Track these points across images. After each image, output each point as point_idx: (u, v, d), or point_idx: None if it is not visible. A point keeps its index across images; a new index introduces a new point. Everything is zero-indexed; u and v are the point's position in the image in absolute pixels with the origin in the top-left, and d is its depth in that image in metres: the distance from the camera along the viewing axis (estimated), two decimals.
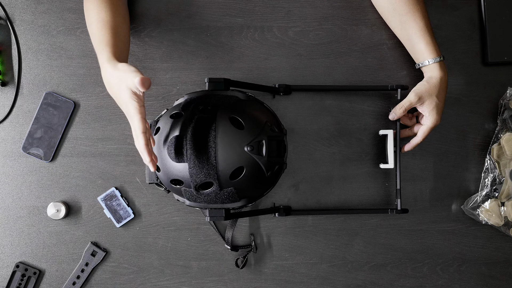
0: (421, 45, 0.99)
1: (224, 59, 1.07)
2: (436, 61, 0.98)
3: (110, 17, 0.90)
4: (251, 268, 1.07)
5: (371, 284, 1.08)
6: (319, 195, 1.08)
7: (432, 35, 0.99)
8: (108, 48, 0.86)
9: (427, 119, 0.99)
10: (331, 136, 1.08)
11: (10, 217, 1.06)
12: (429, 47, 0.98)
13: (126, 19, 0.96)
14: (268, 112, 0.96)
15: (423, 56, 0.99)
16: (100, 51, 0.87)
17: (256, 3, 1.08)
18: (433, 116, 0.98)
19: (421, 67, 1.01)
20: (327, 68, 1.08)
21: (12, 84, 1.06)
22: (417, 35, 0.99)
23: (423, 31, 0.98)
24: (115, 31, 0.89)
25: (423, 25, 0.98)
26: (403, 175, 1.08)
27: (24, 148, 1.05)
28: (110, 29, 0.89)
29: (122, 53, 0.89)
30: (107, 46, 0.86)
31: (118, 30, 0.90)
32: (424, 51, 0.99)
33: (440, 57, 0.99)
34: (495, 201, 1.04)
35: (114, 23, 0.90)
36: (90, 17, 0.92)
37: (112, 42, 0.87)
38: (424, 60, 0.99)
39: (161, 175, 0.92)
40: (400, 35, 1.03)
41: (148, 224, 1.07)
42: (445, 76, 0.99)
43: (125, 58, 0.90)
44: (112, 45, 0.87)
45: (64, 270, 1.06)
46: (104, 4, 0.91)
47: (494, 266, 1.08)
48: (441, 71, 0.98)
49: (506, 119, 1.06)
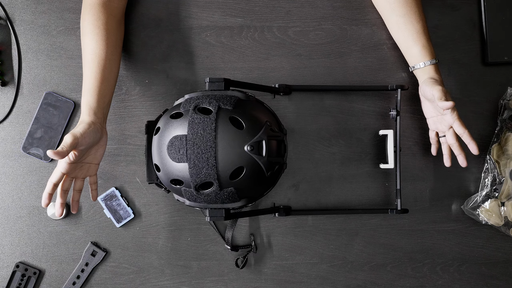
0: (416, 48, 0.98)
1: (224, 59, 1.07)
2: (432, 63, 0.98)
3: (102, 50, 0.94)
4: (251, 268, 1.07)
5: (371, 284, 1.08)
6: (319, 195, 1.08)
7: (428, 38, 0.99)
8: (88, 97, 0.92)
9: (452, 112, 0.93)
10: (331, 136, 1.08)
11: (10, 217, 1.06)
12: (425, 50, 0.98)
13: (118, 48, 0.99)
14: (268, 112, 0.96)
15: (418, 58, 0.99)
16: (82, 96, 0.92)
17: (256, 3, 1.08)
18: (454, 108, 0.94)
19: (415, 70, 1.00)
20: (327, 68, 1.08)
21: (12, 84, 1.06)
22: (413, 38, 0.98)
23: (420, 33, 0.98)
24: (104, 68, 0.94)
25: (419, 27, 0.98)
26: (403, 175, 1.08)
27: (24, 148, 1.05)
28: (100, 66, 0.93)
29: (104, 97, 0.93)
30: (88, 95, 0.92)
31: (107, 66, 0.94)
32: (420, 54, 0.98)
33: (435, 60, 0.98)
34: (495, 201, 1.04)
35: (105, 57, 0.94)
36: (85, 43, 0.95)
37: (94, 88, 0.92)
38: (419, 62, 0.99)
39: (161, 175, 0.92)
40: (396, 37, 1.02)
41: (148, 224, 1.07)
42: (440, 78, 0.98)
43: (107, 100, 0.95)
44: (93, 92, 0.92)
45: (64, 270, 1.06)
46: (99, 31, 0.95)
47: (494, 266, 1.08)
48: (437, 74, 0.98)
49: (506, 119, 1.06)
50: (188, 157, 0.87)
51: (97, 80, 0.92)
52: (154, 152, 0.92)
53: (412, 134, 1.08)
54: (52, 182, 0.86)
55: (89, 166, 0.92)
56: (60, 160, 0.86)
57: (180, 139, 0.87)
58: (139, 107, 1.07)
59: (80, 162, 0.90)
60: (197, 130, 0.87)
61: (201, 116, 0.88)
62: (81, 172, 0.91)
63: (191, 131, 0.87)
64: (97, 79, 0.92)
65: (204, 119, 0.87)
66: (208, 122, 0.87)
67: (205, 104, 0.89)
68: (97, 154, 0.92)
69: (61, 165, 0.86)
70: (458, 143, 0.97)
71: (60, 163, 0.86)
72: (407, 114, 1.08)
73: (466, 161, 0.98)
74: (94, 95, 0.91)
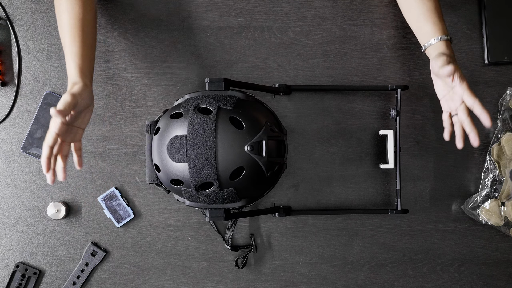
0: (427, 26, 0.94)
1: (224, 59, 1.07)
2: (443, 39, 0.93)
3: (83, 14, 0.93)
4: (251, 268, 1.07)
5: (371, 284, 1.08)
6: (319, 195, 1.08)
7: (439, 16, 0.95)
8: (77, 60, 0.91)
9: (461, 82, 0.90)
10: (331, 136, 1.08)
11: (10, 217, 1.06)
12: (435, 26, 0.93)
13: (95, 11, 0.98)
14: (268, 112, 0.96)
15: (429, 35, 0.94)
16: (69, 61, 0.92)
17: (256, 3, 1.08)
18: (465, 79, 0.90)
19: (427, 49, 0.95)
20: (327, 68, 1.08)
21: (12, 84, 1.06)
22: (424, 16, 0.95)
23: (431, 11, 0.94)
24: (88, 31, 0.93)
25: (430, 5, 0.94)
26: (403, 175, 1.08)
27: (24, 148, 1.05)
28: (84, 30, 0.93)
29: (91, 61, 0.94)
30: (76, 58, 0.91)
31: (90, 30, 0.94)
32: (430, 31, 0.94)
33: (447, 36, 0.93)
34: (495, 201, 1.04)
35: (87, 21, 0.94)
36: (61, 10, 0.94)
37: (80, 52, 0.92)
38: (429, 39, 0.94)
39: (161, 175, 0.92)
40: (408, 18, 0.99)
41: (148, 224, 1.07)
42: (452, 54, 0.93)
43: (93, 64, 0.94)
44: (81, 55, 0.91)
45: (64, 270, 1.06)
46: None
47: (494, 266, 1.08)
48: (449, 49, 0.93)
49: (506, 119, 1.06)
50: (188, 157, 0.87)
51: (84, 44, 0.92)
52: (154, 152, 0.92)
53: (412, 134, 1.08)
54: (48, 145, 0.84)
55: (77, 130, 0.91)
56: (54, 121, 0.85)
57: (180, 139, 0.87)
58: (139, 107, 1.07)
59: (70, 126, 0.89)
60: (197, 130, 0.87)
61: (201, 116, 0.88)
62: (69, 137, 0.89)
63: (191, 131, 0.87)
64: (84, 43, 0.92)
65: (204, 119, 0.87)
66: (208, 122, 0.87)
67: (205, 104, 0.89)
68: (85, 118, 0.91)
69: (55, 126, 0.84)
70: (470, 118, 0.92)
71: (54, 124, 0.85)
72: (407, 114, 1.08)
73: (479, 139, 0.91)
74: (82, 58, 0.91)
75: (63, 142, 0.88)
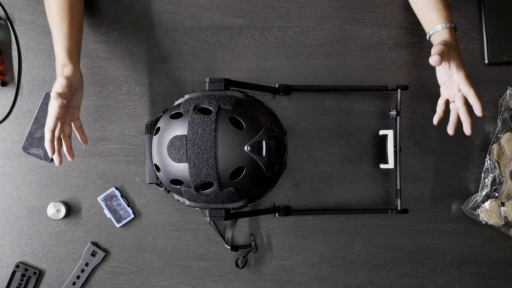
0: (431, 14, 0.95)
1: (224, 59, 1.07)
2: (446, 26, 0.94)
3: None
4: (251, 268, 1.07)
5: (371, 284, 1.08)
6: (319, 195, 1.08)
7: (444, 4, 0.95)
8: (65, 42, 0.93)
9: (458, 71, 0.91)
10: (331, 136, 1.08)
11: (10, 217, 1.06)
12: (439, 14, 0.94)
13: None
14: (268, 112, 0.96)
15: (433, 23, 0.95)
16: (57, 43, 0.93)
17: (256, 3, 1.08)
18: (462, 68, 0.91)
19: (431, 37, 0.96)
20: (327, 68, 1.08)
21: (12, 84, 1.06)
22: (428, 4, 0.95)
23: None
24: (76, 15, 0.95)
25: None
26: (403, 175, 1.08)
27: (24, 148, 1.05)
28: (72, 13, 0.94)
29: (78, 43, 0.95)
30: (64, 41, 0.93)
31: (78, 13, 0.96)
32: (435, 19, 0.94)
33: (451, 24, 0.94)
34: (495, 201, 1.04)
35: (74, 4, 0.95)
36: None
37: (68, 33, 0.93)
38: (434, 27, 0.95)
39: (161, 175, 0.92)
40: (415, 8, 0.99)
41: (148, 224, 1.07)
42: (456, 42, 0.93)
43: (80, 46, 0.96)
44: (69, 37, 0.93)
45: (64, 270, 1.06)
46: None
47: (494, 266, 1.08)
48: (452, 37, 0.93)
49: (506, 119, 1.06)
50: (188, 157, 0.87)
51: (71, 26, 0.94)
52: (154, 152, 0.92)
53: (412, 134, 1.08)
54: (49, 129, 0.88)
55: (73, 110, 0.93)
56: (52, 105, 0.87)
57: (180, 139, 0.87)
58: (139, 107, 1.07)
59: (67, 107, 0.91)
60: (197, 130, 0.87)
61: (201, 116, 0.88)
62: (68, 117, 0.92)
63: (191, 131, 0.87)
64: (72, 25, 0.94)
65: (204, 119, 0.87)
66: (208, 122, 0.87)
67: (205, 104, 0.89)
68: (78, 97, 0.93)
69: (54, 110, 0.88)
70: (465, 107, 0.93)
71: (53, 107, 0.88)
72: (407, 114, 1.08)
73: (471, 129, 0.93)
74: (70, 40, 0.93)
75: (63, 125, 0.92)
